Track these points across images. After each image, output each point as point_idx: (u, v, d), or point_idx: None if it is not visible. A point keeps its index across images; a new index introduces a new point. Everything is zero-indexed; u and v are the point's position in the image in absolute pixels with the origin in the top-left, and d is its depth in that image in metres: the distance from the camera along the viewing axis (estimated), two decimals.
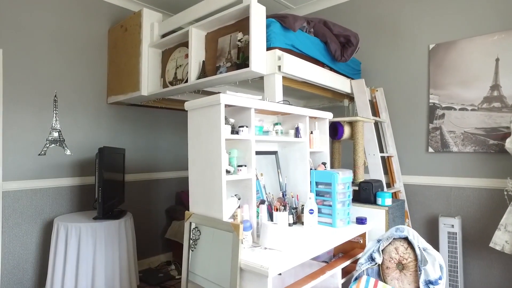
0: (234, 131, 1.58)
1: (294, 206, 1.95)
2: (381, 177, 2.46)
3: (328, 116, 2.12)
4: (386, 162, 2.85)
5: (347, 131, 2.22)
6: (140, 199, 3.43)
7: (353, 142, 2.22)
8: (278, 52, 1.99)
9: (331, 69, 2.56)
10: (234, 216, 1.53)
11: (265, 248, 1.46)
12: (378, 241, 1.68)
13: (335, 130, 2.22)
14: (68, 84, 2.92)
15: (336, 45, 2.42)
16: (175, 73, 2.61)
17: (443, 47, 2.62)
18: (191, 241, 1.54)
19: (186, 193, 3.65)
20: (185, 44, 2.57)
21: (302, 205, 1.93)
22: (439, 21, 2.66)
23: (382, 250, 1.65)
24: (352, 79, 2.82)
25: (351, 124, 2.26)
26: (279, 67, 1.97)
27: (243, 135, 1.56)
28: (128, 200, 3.32)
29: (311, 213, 1.82)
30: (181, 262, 3.60)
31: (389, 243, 1.65)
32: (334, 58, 2.46)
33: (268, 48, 2.05)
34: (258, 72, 1.97)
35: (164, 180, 3.66)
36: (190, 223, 1.55)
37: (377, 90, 2.92)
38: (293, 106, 1.84)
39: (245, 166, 1.57)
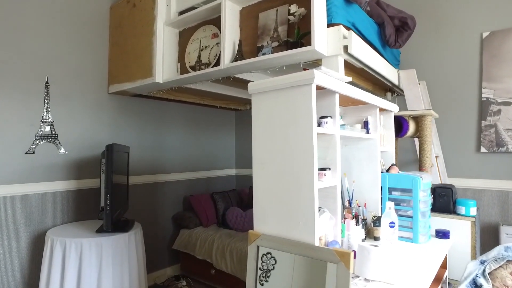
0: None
1: (364, 217, 1.60)
2: (438, 180, 2.16)
3: (395, 108, 1.78)
4: None
5: (411, 127, 1.90)
6: (143, 205, 2.96)
7: (419, 140, 1.90)
8: (343, 29, 1.63)
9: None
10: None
11: (367, 280, 1.09)
12: (482, 262, 1.36)
13: (398, 125, 1.90)
14: (62, 68, 2.42)
15: (392, 28, 2.09)
16: (199, 56, 2.19)
17: (500, 35, 2.36)
18: (260, 271, 1.14)
19: (196, 197, 3.22)
20: (212, 22, 2.16)
21: (374, 216, 1.58)
22: (494, 6, 2.39)
23: (488, 274, 1.33)
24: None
25: (415, 119, 1.94)
26: (345, 47, 1.61)
27: (329, 128, 1.18)
28: (130, 206, 2.85)
29: (392, 227, 1.47)
30: (192, 276, 3.18)
31: (500, 266, 1.33)
32: (387, 43, 2.13)
33: (328, 25, 1.68)
34: (321, 53, 1.60)
35: (170, 182, 3.21)
36: (258, 247, 1.16)
37: (419, 83, 2.62)
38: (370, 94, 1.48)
39: (329, 169, 1.19)
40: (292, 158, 1.09)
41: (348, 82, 1.40)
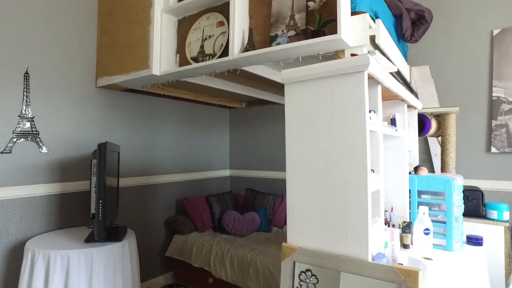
0: None
1: (392, 223, 1.46)
2: None
3: (419, 105, 1.66)
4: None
5: (433, 125, 1.79)
6: (132, 209, 2.72)
7: (441, 140, 1.79)
8: (368, 18, 1.49)
9: None
10: None
11: None
12: None
13: (420, 124, 1.78)
14: (44, 57, 2.15)
15: (409, 21, 1.98)
16: (202, 47, 1.99)
17: (511, 32, 2.31)
18: None
19: (190, 200, 3.01)
20: (216, 9, 1.97)
21: (404, 222, 1.45)
22: (505, 2, 2.34)
23: None
24: None
25: (437, 117, 1.84)
26: (373, 37, 1.47)
27: (373, 124, 1.03)
28: (119, 210, 2.61)
29: (427, 234, 1.34)
30: (186, 285, 2.96)
31: None
32: (403, 37, 2.02)
33: (352, 13, 1.53)
34: (346, 42, 1.45)
35: (161, 185, 2.98)
36: (294, 263, 0.99)
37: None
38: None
39: (372, 171, 1.04)
40: (338, 158, 0.93)
41: None
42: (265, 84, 2.74)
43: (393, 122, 1.49)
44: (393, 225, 1.47)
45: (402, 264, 1.08)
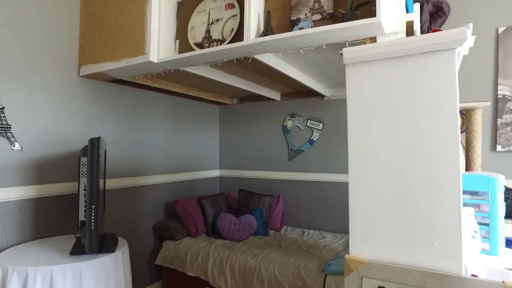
0: None
1: None
2: None
3: None
4: None
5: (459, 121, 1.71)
6: (118, 214, 2.43)
7: (467, 136, 1.71)
8: (404, 2, 1.36)
9: None
10: None
11: None
12: None
13: None
14: (17, 37, 1.83)
15: (427, 14, 1.89)
16: (208, 31, 1.77)
17: None
18: None
19: (181, 203, 2.76)
20: None
21: None
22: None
23: None
24: None
25: (460, 112, 1.76)
26: (409, 24, 1.34)
27: None
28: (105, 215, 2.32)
29: (475, 237, 1.22)
30: None
31: None
32: (420, 29, 1.92)
33: None
34: (383, 27, 1.31)
35: (149, 186, 2.71)
36: (362, 279, 0.82)
37: None
38: None
39: None
40: (420, 153, 0.77)
41: None
42: (266, 78, 2.56)
43: None
44: None
45: (476, 276, 0.94)
